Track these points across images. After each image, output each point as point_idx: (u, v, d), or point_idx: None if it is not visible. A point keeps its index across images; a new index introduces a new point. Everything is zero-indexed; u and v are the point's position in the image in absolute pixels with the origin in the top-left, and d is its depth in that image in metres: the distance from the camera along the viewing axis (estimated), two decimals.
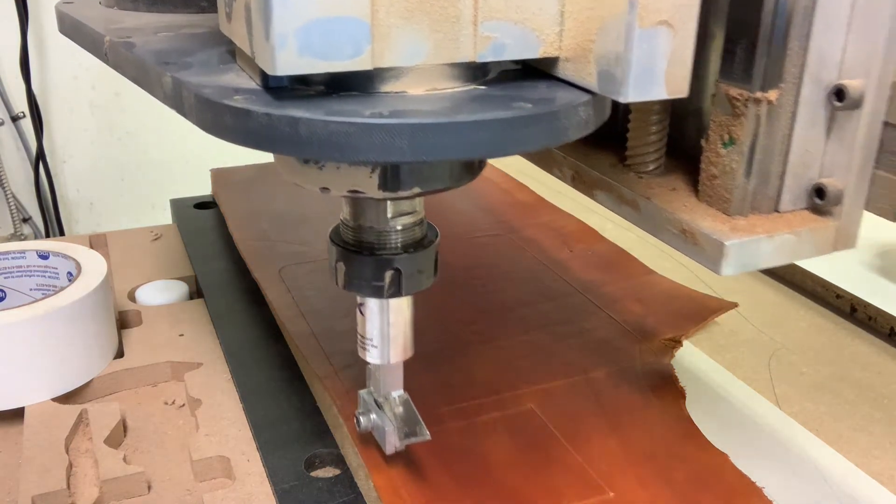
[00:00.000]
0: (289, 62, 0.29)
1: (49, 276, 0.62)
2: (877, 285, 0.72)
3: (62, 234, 1.46)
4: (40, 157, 1.39)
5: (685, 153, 0.41)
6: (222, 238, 0.77)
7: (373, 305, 0.42)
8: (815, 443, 0.52)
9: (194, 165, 1.44)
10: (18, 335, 0.52)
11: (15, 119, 1.38)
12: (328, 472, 0.49)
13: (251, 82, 0.33)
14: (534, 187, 0.88)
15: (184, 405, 0.56)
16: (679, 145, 0.42)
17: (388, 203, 0.40)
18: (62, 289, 0.56)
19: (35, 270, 0.62)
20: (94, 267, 0.59)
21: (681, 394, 0.54)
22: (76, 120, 1.42)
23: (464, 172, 0.39)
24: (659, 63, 0.31)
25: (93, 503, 0.47)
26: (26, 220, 1.44)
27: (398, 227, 0.41)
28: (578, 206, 0.83)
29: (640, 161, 0.43)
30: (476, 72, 0.34)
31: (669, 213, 0.39)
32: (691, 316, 0.64)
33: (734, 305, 0.66)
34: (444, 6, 0.31)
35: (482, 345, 0.59)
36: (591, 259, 0.73)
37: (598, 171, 0.44)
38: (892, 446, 0.52)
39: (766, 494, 0.45)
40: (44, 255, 0.61)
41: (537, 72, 0.35)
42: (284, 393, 0.55)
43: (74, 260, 0.60)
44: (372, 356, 0.44)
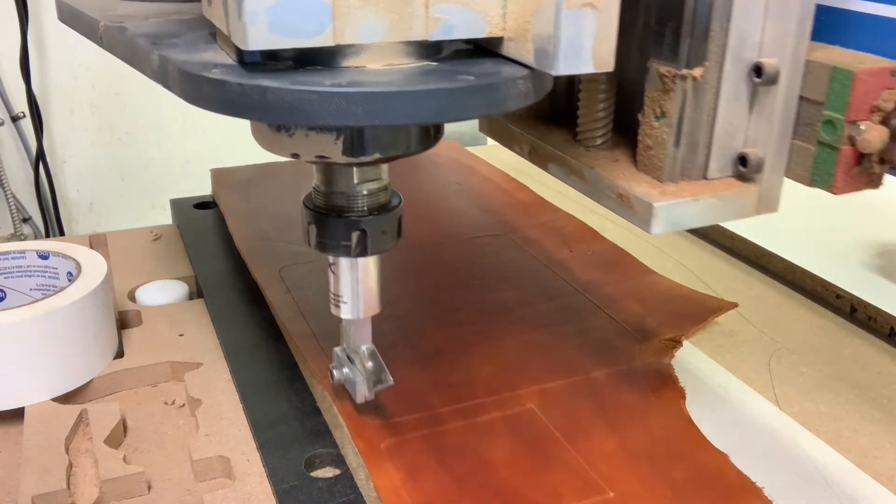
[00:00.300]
0: (259, 38, 0.33)
1: (49, 276, 0.62)
2: (877, 285, 0.72)
3: (62, 234, 1.46)
4: (40, 157, 1.39)
5: (631, 130, 0.44)
6: (222, 238, 0.77)
7: (343, 264, 0.47)
8: (815, 443, 0.52)
9: (194, 165, 1.44)
10: (18, 335, 0.52)
11: (15, 119, 1.38)
12: (328, 472, 0.49)
13: (228, 59, 0.37)
14: (534, 187, 0.88)
15: (184, 405, 0.56)
16: (626, 123, 0.45)
17: (355, 169, 0.44)
18: (62, 289, 0.56)
19: (35, 270, 0.62)
20: (94, 267, 0.59)
21: (681, 394, 0.54)
22: (76, 120, 1.42)
23: (419, 140, 0.43)
24: (585, 41, 0.34)
25: (93, 503, 0.47)
26: (26, 220, 1.44)
27: (364, 192, 0.45)
28: (578, 206, 0.83)
29: (589, 136, 0.47)
30: (429, 50, 0.37)
31: (610, 181, 0.43)
32: (691, 316, 0.64)
33: (734, 305, 0.66)
34: None
35: (482, 345, 0.59)
36: (591, 259, 0.73)
37: (551, 145, 0.48)
38: (892, 446, 0.52)
39: (766, 494, 0.45)
40: (44, 255, 0.61)
41: (486, 51, 0.39)
42: (284, 393, 0.55)
43: (74, 260, 0.60)
44: (344, 312, 0.48)
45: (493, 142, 0.56)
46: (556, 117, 0.51)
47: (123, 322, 0.65)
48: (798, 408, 0.55)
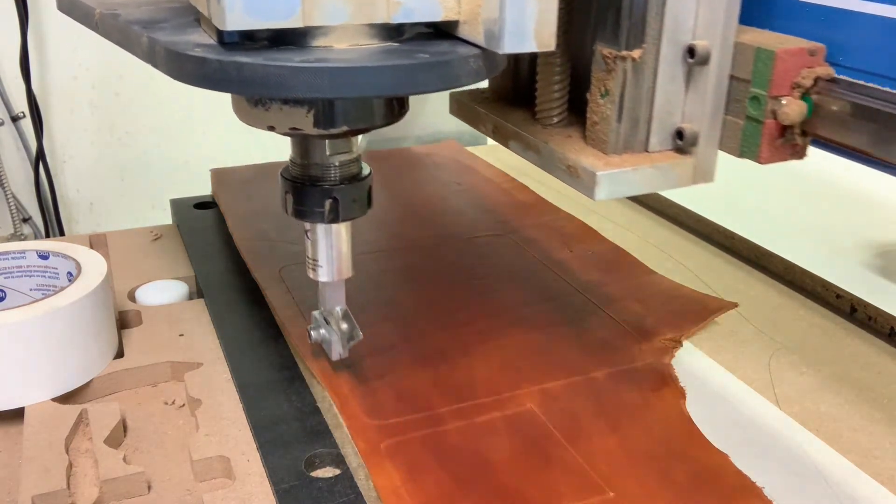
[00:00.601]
0: (236, 19, 0.37)
1: (49, 276, 0.62)
2: (877, 285, 0.72)
3: (62, 234, 1.46)
4: (40, 157, 1.39)
5: (584, 109, 0.48)
6: (222, 238, 0.77)
7: (318, 230, 0.51)
8: (815, 443, 0.52)
9: (194, 165, 1.43)
10: (18, 335, 0.52)
11: (15, 119, 1.38)
12: (328, 472, 0.49)
13: (210, 40, 0.41)
14: (534, 187, 0.88)
15: (184, 405, 0.56)
16: (580, 103, 0.49)
17: (327, 142, 0.48)
18: (62, 289, 0.56)
19: (35, 270, 0.62)
20: (94, 267, 0.59)
21: (681, 394, 0.54)
22: (76, 120, 1.42)
23: (384, 114, 0.46)
24: (528, 23, 0.38)
25: (93, 503, 0.47)
26: (26, 220, 1.44)
27: (336, 164, 0.49)
28: (578, 206, 0.83)
29: (546, 115, 0.51)
30: (392, 32, 0.41)
31: (560, 154, 0.47)
32: (691, 316, 0.64)
33: (734, 305, 0.66)
34: None
35: (482, 345, 0.59)
36: (591, 259, 0.73)
37: (512, 124, 0.53)
38: (892, 446, 0.52)
39: (766, 494, 0.45)
40: (44, 255, 0.61)
41: (445, 34, 0.42)
42: (284, 393, 0.55)
43: (74, 260, 0.60)
44: (321, 275, 0.53)
45: (493, 142, 0.56)
46: (518, 99, 0.56)
47: (123, 322, 0.65)
48: (798, 408, 0.55)
